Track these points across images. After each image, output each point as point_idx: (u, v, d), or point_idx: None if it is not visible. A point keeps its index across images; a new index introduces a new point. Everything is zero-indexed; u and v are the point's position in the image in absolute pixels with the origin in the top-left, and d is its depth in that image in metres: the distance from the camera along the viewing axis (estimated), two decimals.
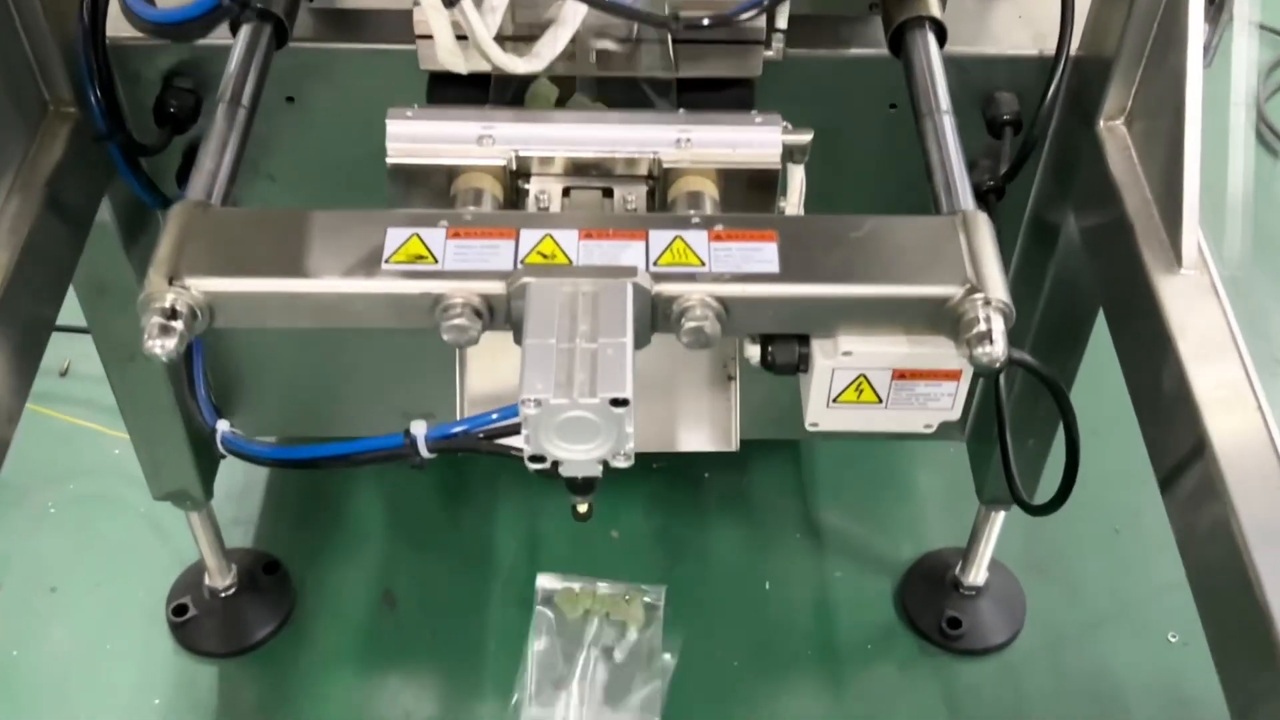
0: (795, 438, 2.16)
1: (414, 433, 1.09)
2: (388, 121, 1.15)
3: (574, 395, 0.97)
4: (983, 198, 1.39)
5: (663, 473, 2.20)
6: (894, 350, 1.08)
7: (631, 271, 1.04)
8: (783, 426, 1.88)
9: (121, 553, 2.09)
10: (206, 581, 1.99)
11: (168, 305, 1.03)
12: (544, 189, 1.16)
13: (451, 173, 1.15)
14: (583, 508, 1.14)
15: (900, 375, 1.10)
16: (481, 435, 1.08)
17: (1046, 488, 1.82)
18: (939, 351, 1.08)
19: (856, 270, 1.07)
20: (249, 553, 2.07)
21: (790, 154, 1.17)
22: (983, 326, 1.03)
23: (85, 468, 2.21)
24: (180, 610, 1.99)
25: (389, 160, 1.15)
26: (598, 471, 1.03)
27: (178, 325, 1.02)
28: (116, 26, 1.37)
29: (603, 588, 2.00)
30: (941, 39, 1.31)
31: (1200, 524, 1.12)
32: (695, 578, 2.07)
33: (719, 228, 1.08)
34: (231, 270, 1.05)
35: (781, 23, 1.29)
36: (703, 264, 1.06)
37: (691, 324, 1.04)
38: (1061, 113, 1.43)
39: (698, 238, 1.08)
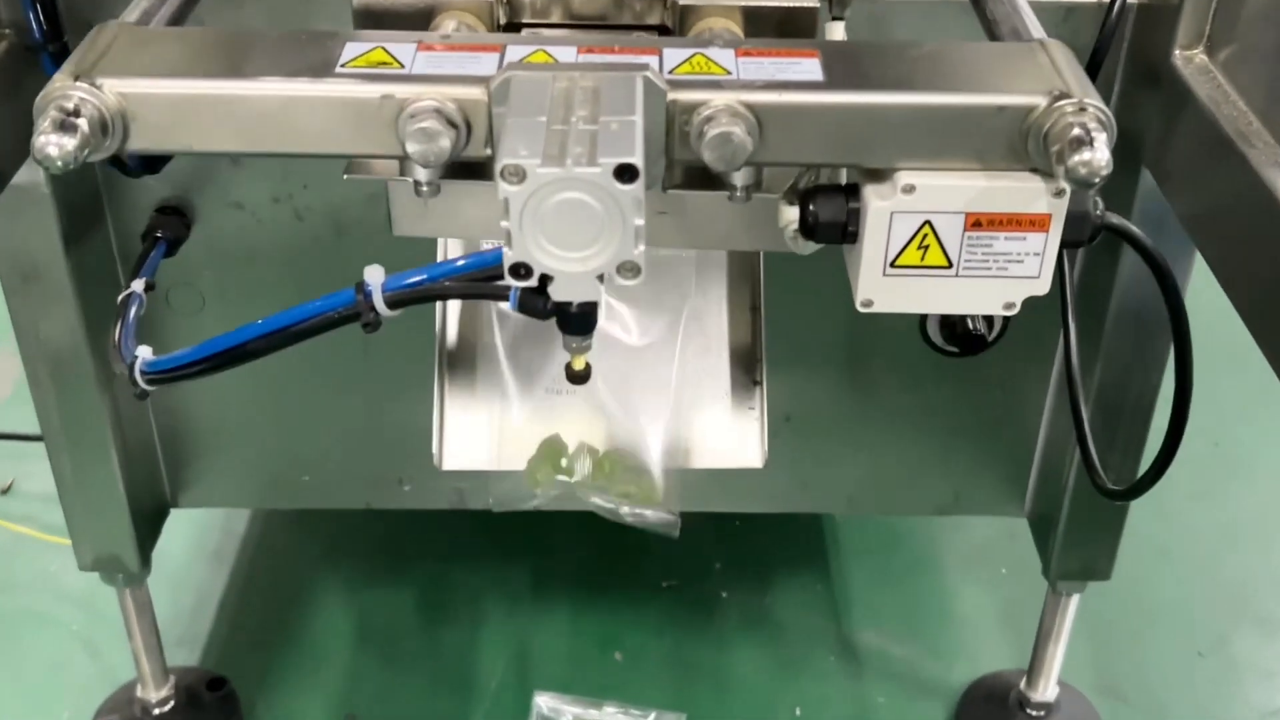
0: (826, 510, 1.90)
1: (369, 282, 0.86)
2: None
3: (568, 165, 0.75)
4: None
5: (673, 590, 1.93)
6: (967, 184, 0.87)
7: (642, 67, 0.85)
8: (812, 495, 1.65)
9: (48, 672, 1.81)
10: (138, 694, 1.69)
11: (71, 105, 0.84)
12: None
13: (430, 13, 0.98)
14: (579, 363, 0.89)
15: (975, 223, 0.88)
16: (449, 282, 0.86)
17: (1123, 569, 1.57)
18: (1023, 186, 0.87)
19: (918, 80, 0.88)
20: (193, 670, 1.78)
21: (830, 3, 1.00)
22: (1078, 131, 0.83)
23: (17, 582, 1.94)
24: None
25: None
26: (598, 295, 0.80)
27: (80, 123, 0.83)
28: None
29: (611, 712, 1.70)
30: None
31: None
32: (713, 703, 1.77)
33: (747, 47, 0.90)
34: (154, 72, 0.86)
35: None
36: (729, 74, 0.87)
37: (717, 131, 0.83)
38: (1124, 70, 1.28)
39: (723, 54, 0.89)
